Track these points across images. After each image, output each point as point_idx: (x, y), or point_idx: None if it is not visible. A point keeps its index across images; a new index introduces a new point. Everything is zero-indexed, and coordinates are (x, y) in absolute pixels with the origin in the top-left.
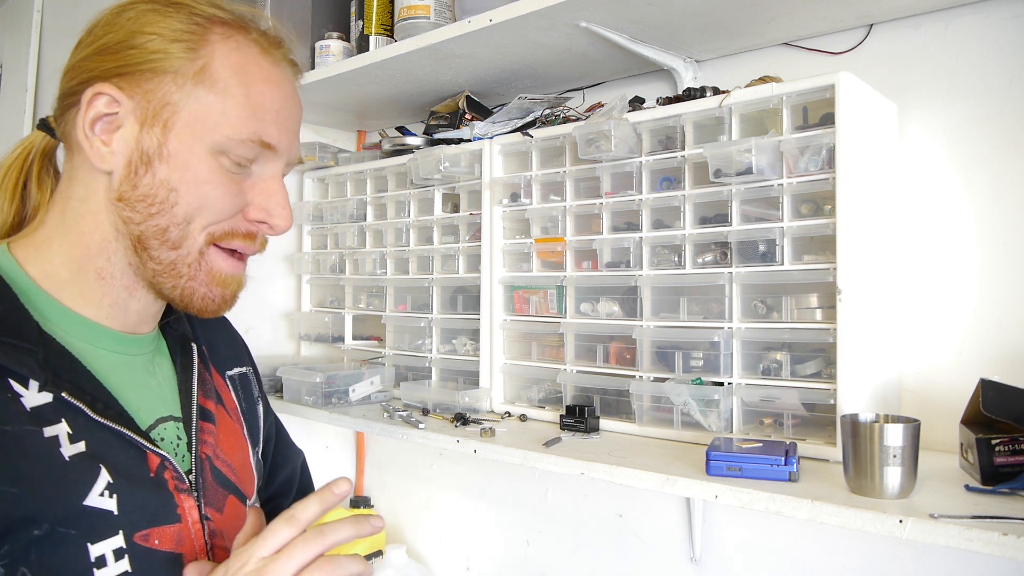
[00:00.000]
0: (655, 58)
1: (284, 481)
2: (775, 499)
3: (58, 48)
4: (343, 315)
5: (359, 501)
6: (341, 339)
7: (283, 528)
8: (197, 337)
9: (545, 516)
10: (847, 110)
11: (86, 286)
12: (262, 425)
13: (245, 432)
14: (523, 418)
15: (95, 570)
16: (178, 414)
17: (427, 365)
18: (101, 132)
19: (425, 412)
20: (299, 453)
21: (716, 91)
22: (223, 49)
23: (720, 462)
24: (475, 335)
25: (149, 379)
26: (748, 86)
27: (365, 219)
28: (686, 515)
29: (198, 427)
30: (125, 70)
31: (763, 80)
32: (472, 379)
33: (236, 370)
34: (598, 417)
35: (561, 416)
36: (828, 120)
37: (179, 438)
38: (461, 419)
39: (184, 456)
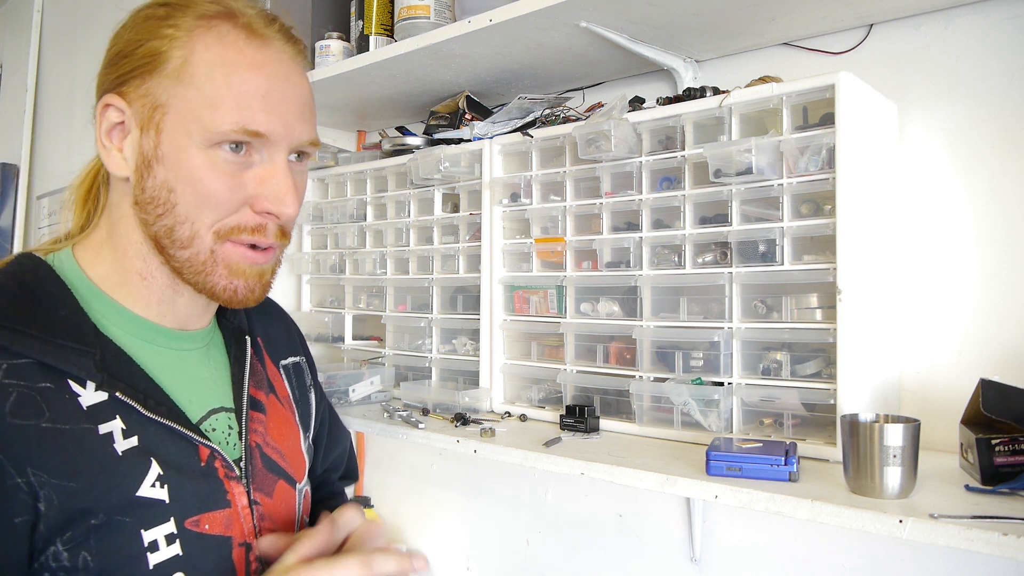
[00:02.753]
0: (655, 58)
1: (336, 457)
2: (775, 499)
3: (58, 48)
4: (343, 315)
5: (359, 501)
6: (341, 339)
7: (356, 568)
8: (253, 328)
9: (545, 516)
10: (847, 110)
11: (133, 287)
12: (314, 412)
13: (297, 419)
14: (523, 418)
15: (148, 554)
16: (230, 405)
17: (427, 365)
18: (116, 141)
19: (425, 412)
20: (348, 435)
21: (716, 91)
22: (203, 42)
23: (720, 462)
24: (475, 335)
25: (203, 372)
26: (748, 86)
27: (365, 219)
28: (686, 515)
29: (248, 417)
30: (125, 78)
31: (763, 80)
32: (472, 379)
33: (290, 359)
34: (598, 417)
35: (561, 416)
36: (828, 120)
37: (230, 428)
38: (461, 419)
39: (235, 445)
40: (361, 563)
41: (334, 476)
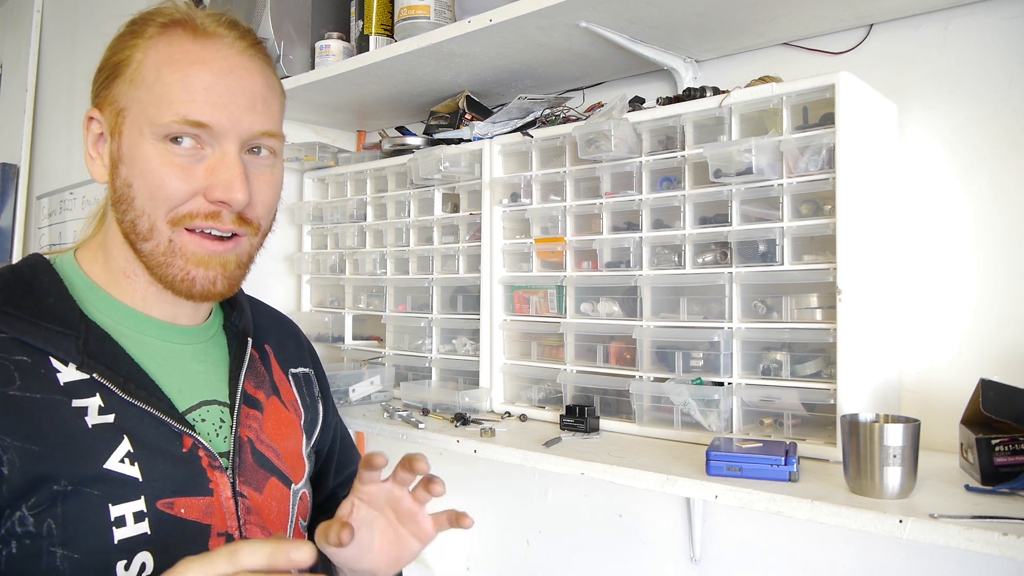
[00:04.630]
0: (655, 58)
1: (347, 476)
2: (775, 499)
3: (58, 48)
4: (343, 315)
5: None
6: (341, 339)
7: (221, 562)
8: (265, 336)
9: (545, 516)
10: (847, 110)
11: (119, 284)
12: (319, 422)
13: (301, 424)
14: (523, 418)
15: (114, 528)
16: (224, 399)
17: (427, 365)
18: (101, 150)
19: (425, 412)
20: (359, 457)
21: (716, 91)
22: (155, 46)
23: (720, 462)
24: (475, 335)
25: (196, 366)
26: (748, 86)
27: (365, 219)
28: (686, 515)
29: (240, 411)
30: (98, 91)
31: (763, 80)
32: (472, 379)
33: (300, 369)
34: (598, 417)
35: (561, 416)
36: (828, 120)
37: (222, 420)
38: (461, 419)
39: (225, 438)
40: (227, 555)
41: (342, 493)
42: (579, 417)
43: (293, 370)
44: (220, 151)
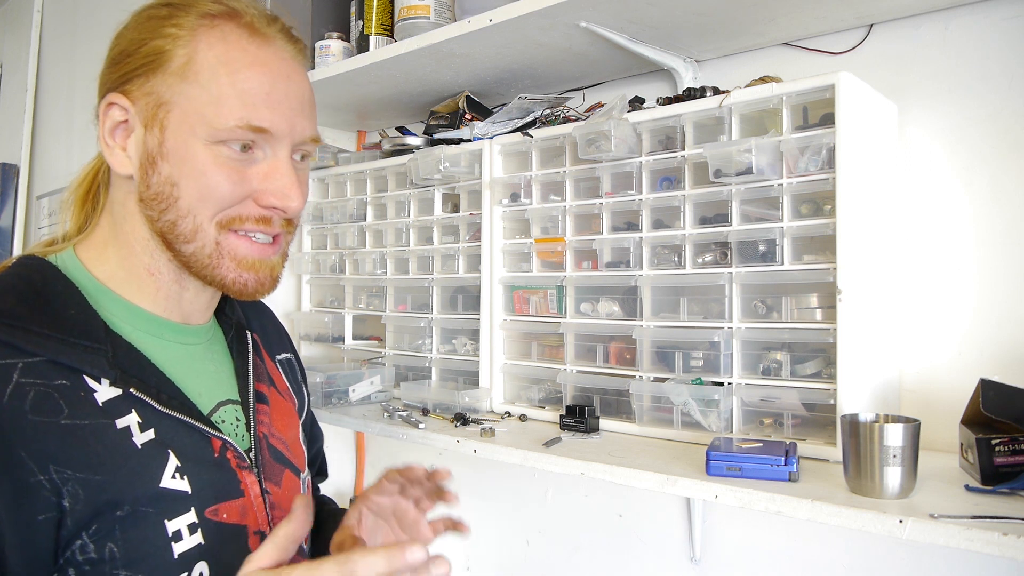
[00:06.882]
0: (655, 58)
1: (315, 453)
2: (775, 499)
3: (58, 48)
4: (343, 315)
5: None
6: (341, 339)
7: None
8: (251, 324)
9: (545, 516)
10: (847, 110)
11: (141, 283)
12: (305, 407)
13: (296, 410)
14: (523, 418)
15: (173, 543)
16: (236, 397)
17: (427, 365)
18: (120, 139)
19: (425, 412)
20: (323, 434)
21: (716, 91)
22: (207, 40)
23: (720, 462)
24: (475, 335)
25: (208, 366)
26: (748, 86)
27: (365, 219)
28: (686, 515)
29: (255, 409)
30: (128, 77)
31: (763, 80)
32: (472, 379)
33: (284, 355)
34: (598, 417)
35: (561, 416)
36: (828, 120)
37: (238, 419)
38: (461, 419)
39: (243, 436)
40: (338, 568)
41: (311, 470)
42: (579, 417)
43: (279, 356)
44: (274, 156)
